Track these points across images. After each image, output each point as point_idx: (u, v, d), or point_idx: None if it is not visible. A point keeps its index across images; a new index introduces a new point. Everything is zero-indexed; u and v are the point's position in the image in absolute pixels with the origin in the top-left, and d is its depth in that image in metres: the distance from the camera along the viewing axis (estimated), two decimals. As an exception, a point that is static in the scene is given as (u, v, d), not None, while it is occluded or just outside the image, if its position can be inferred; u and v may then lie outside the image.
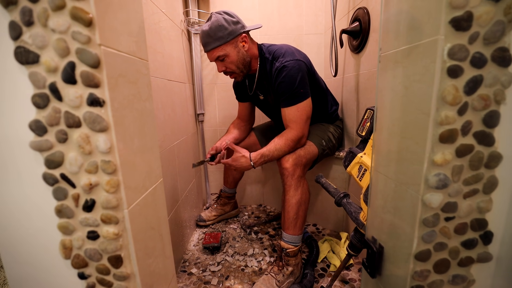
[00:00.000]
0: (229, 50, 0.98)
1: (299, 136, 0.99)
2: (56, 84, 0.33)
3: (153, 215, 0.48)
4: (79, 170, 0.35)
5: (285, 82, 0.96)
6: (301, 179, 0.98)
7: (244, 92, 1.24)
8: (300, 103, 0.97)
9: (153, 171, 0.49)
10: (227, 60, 1.00)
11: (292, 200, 0.96)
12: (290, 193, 0.97)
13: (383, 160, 0.49)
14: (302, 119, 0.99)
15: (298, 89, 0.96)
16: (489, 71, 0.34)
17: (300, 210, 0.97)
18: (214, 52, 0.99)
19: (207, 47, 0.99)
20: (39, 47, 0.32)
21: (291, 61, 0.96)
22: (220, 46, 0.97)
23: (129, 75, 0.40)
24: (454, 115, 0.35)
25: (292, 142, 0.98)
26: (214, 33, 0.95)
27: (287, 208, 0.97)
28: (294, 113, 0.98)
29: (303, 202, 0.98)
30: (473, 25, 0.33)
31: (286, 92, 0.97)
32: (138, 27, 0.45)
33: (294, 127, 0.99)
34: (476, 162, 0.37)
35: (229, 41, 0.97)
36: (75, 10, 0.31)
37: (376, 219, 0.53)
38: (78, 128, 0.34)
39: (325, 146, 1.10)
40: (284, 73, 0.95)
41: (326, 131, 1.14)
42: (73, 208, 0.36)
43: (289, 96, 0.97)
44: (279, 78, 0.97)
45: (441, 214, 0.39)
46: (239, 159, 1.00)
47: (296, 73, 0.95)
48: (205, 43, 0.98)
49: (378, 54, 0.49)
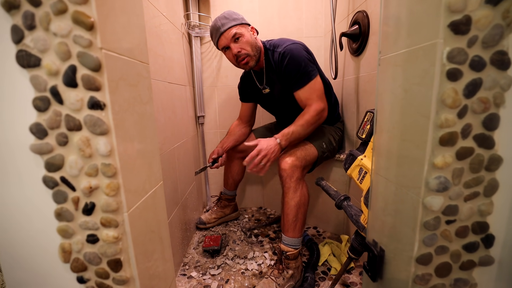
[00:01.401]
0: (244, 31, 1.03)
1: (322, 107, 0.99)
2: (57, 88, 0.33)
3: (153, 218, 0.48)
4: (79, 173, 0.35)
5: (291, 64, 0.99)
6: (300, 181, 0.98)
7: (249, 90, 1.26)
8: (311, 81, 0.99)
9: (153, 174, 0.49)
10: (242, 40, 1.03)
11: (291, 203, 0.96)
12: (289, 195, 0.96)
13: (383, 162, 0.49)
14: (318, 94, 1.00)
15: (306, 68, 0.99)
16: (488, 74, 0.34)
17: (299, 212, 0.97)
18: (231, 30, 1.01)
19: (224, 27, 1.01)
20: (41, 50, 0.32)
21: (291, 44, 1.01)
22: (237, 25, 1.02)
23: (129, 78, 0.41)
24: (454, 118, 0.35)
25: (316, 113, 0.98)
26: (229, 15, 1.02)
27: (286, 211, 0.97)
28: (308, 92, 1.00)
29: (302, 205, 0.97)
30: (471, 28, 0.33)
31: (295, 73, 0.99)
32: (139, 30, 0.45)
33: (313, 102, 1.00)
34: (477, 165, 0.37)
35: (243, 23, 1.04)
36: (76, 14, 0.32)
37: (377, 222, 0.53)
38: (79, 131, 0.34)
39: (325, 149, 1.10)
40: (288, 56, 0.99)
41: (327, 134, 1.14)
42: (72, 212, 0.36)
43: (299, 77, 0.99)
44: (284, 62, 1.00)
45: (442, 217, 0.38)
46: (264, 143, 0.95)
47: (299, 54, 0.99)
48: (222, 24, 1.01)
49: (378, 57, 0.49)
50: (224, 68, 1.52)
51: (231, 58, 1.07)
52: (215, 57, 1.51)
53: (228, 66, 1.52)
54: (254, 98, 1.29)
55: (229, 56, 1.07)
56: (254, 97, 1.28)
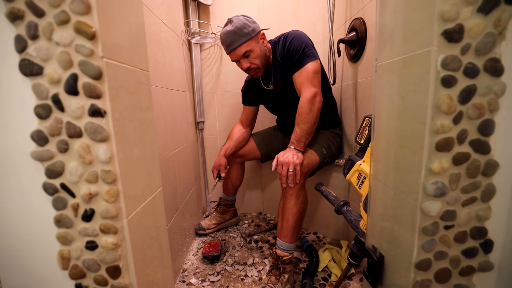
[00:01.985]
0: (253, 45, 1.04)
1: (311, 92, 0.97)
2: (58, 95, 0.34)
3: (152, 224, 0.48)
4: (79, 179, 0.35)
5: (294, 43, 1.01)
6: (302, 188, 0.98)
7: (254, 91, 1.27)
8: (308, 63, 0.99)
9: (153, 180, 0.49)
10: (252, 56, 1.05)
11: (293, 209, 0.96)
12: (291, 201, 0.96)
13: (381, 168, 0.50)
14: (310, 78, 0.99)
15: (306, 50, 0.99)
16: (482, 80, 0.35)
17: (299, 219, 0.97)
18: (241, 48, 1.02)
19: (234, 45, 1.02)
20: (43, 59, 0.33)
21: (296, 31, 1.05)
22: (246, 42, 1.02)
23: (130, 86, 0.41)
24: (449, 123, 0.36)
25: (307, 103, 0.97)
26: (240, 31, 1.00)
27: (287, 217, 0.97)
28: (302, 76, 1.00)
29: (302, 211, 0.98)
30: (464, 37, 0.34)
31: (296, 54, 1.00)
32: (140, 38, 0.46)
33: (304, 88, 0.99)
34: (473, 170, 0.37)
35: (253, 37, 1.03)
36: (79, 24, 0.32)
37: (376, 227, 0.53)
38: (79, 138, 0.35)
39: (325, 154, 1.10)
40: (292, 37, 1.02)
41: (325, 140, 1.15)
42: (72, 218, 0.36)
43: (298, 57, 1.00)
44: (287, 42, 1.03)
45: (440, 222, 0.39)
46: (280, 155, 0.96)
47: (302, 36, 1.02)
48: (231, 41, 1.02)
49: (374, 64, 0.50)
50: (224, 74, 1.54)
51: (242, 68, 1.11)
52: (215, 63, 1.53)
53: (227, 72, 1.53)
54: (257, 99, 1.30)
55: (240, 66, 1.11)
56: (257, 98, 1.29)
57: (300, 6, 1.46)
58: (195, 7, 1.41)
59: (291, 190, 0.96)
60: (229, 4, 1.46)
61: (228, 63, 1.52)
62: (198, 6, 1.44)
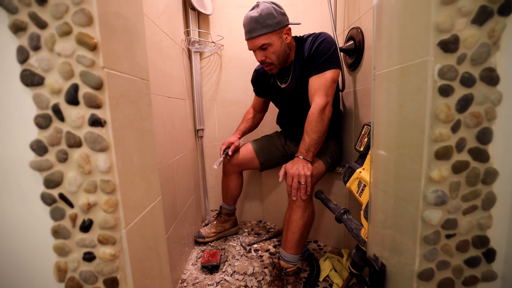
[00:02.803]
0: (274, 40, 0.97)
1: (323, 102, 0.93)
2: (59, 105, 0.34)
3: (151, 234, 0.47)
4: (78, 189, 0.35)
5: (322, 46, 0.96)
6: (310, 199, 0.96)
7: (265, 84, 1.23)
8: (329, 70, 0.94)
9: (152, 189, 0.49)
10: (270, 50, 0.98)
11: (300, 222, 0.94)
12: (298, 213, 0.94)
13: (381, 176, 0.49)
14: (326, 87, 0.94)
15: (332, 56, 0.95)
16: (479, 89, 0.35)
17: (305, 231, 0.96)
18: (259, 39, 0.96)
19: (252, 34, 0.96)
20: (45, 70, 0.33)
21: (326, 33, 1.00)
22: (266, 34, 0.95)
23: (130, 95, 0.41)
24: (448, 132, 0.36)
25: (318, 112, 0.92)
26: (263, 20, 0.94)
27: (293, 229, 0.94)
28: (320, 81, 0.95)
29: (309, 224, 0.96)
30: (460, 47, 0.35)
31: (321, 56, 0.95)
32: (140, 48, 0.47)
33: (317, 96, 0.94)
34: (473, 178, 0.37)
35: (276, 30, 0.96)
36: (81, 35, 0.33)
37: (377, 236, 0.52)
38: (79, 148, 0.35)
39: (330, 163, 1.10)
40: (321, 40, 0.97)
41: (330, 149, 1.15)
42: (70, 229, 0.36)
43: (323, 61, 0.95)
44: (316, 42, 0.97)
45: (442, 231, 0.38)
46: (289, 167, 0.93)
47: (333, 42, 0.97)
48: (251, 29, 0.96)
49: (373, 72, 0.50)
50: (223, 82, 1.55)
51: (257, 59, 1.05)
52: (215, 71, 1.55)
53: (227, 80, 1.55)
54: (265, 93, 1.27)
55: (255, 56, 1.05)
56: (266, 91, 1.26)
57: (298, 16, 1.49)
58: (195, 16, 1.44)
59: (298, 202, 0.94)
60: (229, 13, 1.49)
61: (228, 72, 1.54)
62: (198, 16, 1.47)
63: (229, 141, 1.27)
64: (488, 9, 0.34)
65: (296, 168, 0.91)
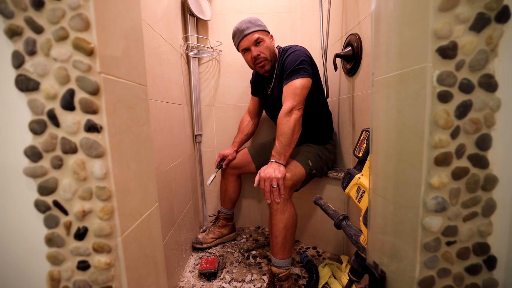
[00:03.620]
0: (265, 37, 1.11)
1: (289, 106, 0.99)
2: (54, 111, 0.33)
3: (147, 242, 0.47)
4: (72, 196, 0.35)
5: (290, 58, 1.06)
6: (287, 202, 0.96)
7: (259, 86, 1.31)
8: (297, 79, 1.01)
9: (149, 196, 0.48)
10: (263, 45, 1.10)
11: (279, 225, 0.94)
12: (277, 217, 0.94)
13: (380, 182, 0.49)
14: (293, 92, 1.00)
15: (299, 66, 1.02)
16: (477, 96, 0.35)
17: (288, 234, 0.95)
18: (254, 34, 1.08)
19: (248, 30, 1.08)
20: (40, 75, 0.33)
21: (299, 46, 1.10)
22: (260, 31, 1.09)
23: (127, 101, 0.41)
24: (447, 138, 0.36)
25: (283, 116, 0.98)
26: (255, 21, 1.10)
27: (275, 233, 0.95)
28: (288, 89, 1.02)
29: (290, 226, 0.96)
30: (458, 53, 0.35)
31: (289, 67, 1.04)
32: (138, 54, 0.46)
33: (285, 101, 1.01)
34: (473, 185, 0.37)
35: (265, 30, 1.12)
36: (77, 40, 0.33)
37: (377, 243, 0.52)
38: (74, 154, 0.34)
39: (312, 166, 1.09)
40: (290, 53, 1.07)
41: (312, 152, 1.14)
42: (64, 237, 0.35)
43: (290, 72, 1.03)
44: (284, 56, 1.09)
45: (442, 238, 0.38)
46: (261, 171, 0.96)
47: (300, 52, 1.06)
48: (246, 28, 1.08)
49: (371, 78, 0.50)
50: (222, 87, 1.55)
51: (249, 60, 1.14)
52: (213, 77, 1.55)
53: (225, 86, 1.55)
54: (260, 96, 1.35)
55: (248, 58, 1.14)
56: (260, 96, 1.34)
57: (297, 22, 1.50)
58: (193, 22, 1.44)
59: (275, 206, 0.94)
60: (227, 19, 1.50)
61: (226, 77, 1.54)
62: (196, 21, 1.47)
63: (224, 154, 1.32)
64: (486, 16, 0.34)
65: (267, 171, 0.93)
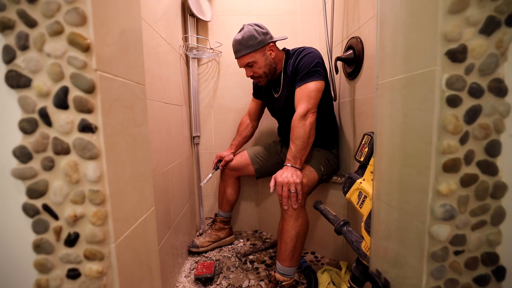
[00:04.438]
0: (257, 57, 1.08)
1: (304, 109, 0.97)
2: (46, 109, 0.31)
3: (142, 248, 0.45)
4: (64, 200, 0.33)
5: (303, 61, 1.03)
6: (302, 209, 0.94)
7: (264, 89, 1.29)
8: (311, 82, 0.99)
9: (145, 200, 0.46)
10: (256, 66, 1.09)
11: (292, 232, 0.91)
12: (290, 223, 0.92)
13: (384, 188, 0.48)
14: (308, 95, 0.98)
15: (314, 68, 1.00)
16: (487, 101, 0.34)
17: (298, 242, 0.93)
18: (244, 58, 1.08)
19: (238, 54, 1.09)
20: (32, 71, 0.31)
21: (312, 49, 1.07)
22: (250, 54, 1.07)
23: (124, 100, 0.39)
24: (456, 144, 0.35)
25: (300, 119, 0.96)
26: (245, 42, 1.06)
27: (286, 239, 0.92)
28: (302, 91, 1.00)
29: (302, 234, 0.94)
30: (468, 57, 0.34)
31: (303, 70, 1.01)
32: (137, 52, 0.45)
33: (299, 104, 0.99)
34: (482, 192, 0.36)
35: (258, 49, 1.07)
36: (73, 35, 0.31)
37: (380, 250, 0.50)
38: (67, 155, 0.32)
39: (323, 171, 1.08)
40: (303, 54, 1.04)
41: (322, 157, 1.13)
42: (53, 243, 0.33)
43: (304, 74, 1.01)
44: (298, 58, 1.05)
45: (450, 247, 0.36)
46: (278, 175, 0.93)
47: (314, 54, 1.04)
48: (237, 50, 1.09)
49: (376, 81, 0.49)
50: (221, 89, 1.54)
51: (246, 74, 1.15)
52: (212, 78, 1.54)
53: (225, 87, 1.54)
54: (264, 99, 1.32)
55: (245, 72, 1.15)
56: (265, 98, 1.31)
57: (297, 25, 1.50)
58: (193, 22, 1.43)
59: (290, 211, 0.92)
60: (228, 21, 1.49)
61: (226, 78, 1.53)
62: (196, 22, 1.46)
63: (221, 155, 1.32)
64: (496, 20, 0.33)
65: (285, 176, 0.91)
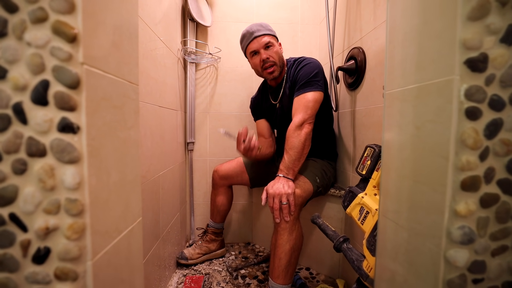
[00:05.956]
0: (275, 42, 1.10)
1: (300, 119, 0.95)
2: (22, 105, 0.28)
3: (125, 264, 0.40)
4: (35, 209, 0.28)
5: (304, 69, 1.03)
6: (296, 221, 0.90)
7: (260, 106, 1.28)
8: (310, 92, 0.99)
9: (131, 210, 0.42)
10: (273, 50, 1.08)
11: (286, 246, 0.87)
12: (284, 237, 0.87)
13: (392, 205, 0.45)
14: (305, 105, 0.97)
15: (313, 79, 1.00)
16: (509, 114, 0.32)
17: (293, 257, 0.88)
18: (265, 37, 1.07)
19: (259, 33, 1.07)
20: (9, 61, 0.27)
21: (312, 59, 1.08)
22: (270, 35, 1.08)
23: (114, 99, 0.36)
24: (475, 160, 0.32)
25: (295, 129, 0.94)
26: (265, 25, 1.09)
27: (279, 255, 0.87)
28: (300, 101, 0.99)
29: (297, 248, 0.89)
30: (488, 67, 0.32)
31: (302, 79, 1.01)
32: (132, 49, 0.42)
33: (296, 114, 0.98)
34: (503, 214, 0.33)
35: (275, 36, 1.12)
36: (58, 24, 0.28)
37: (386, 273, 0.46)
38: (42, 158, 0.28)
39: (319, 183, 1.04)
40: (303, 64, 1.05)
41: (318, 167, 1.10)
42: (19, 259, 0.28)
43: (303, 84, 1.00)
44: (299, 66, 1.06)
45: (468, 274, 0.33)
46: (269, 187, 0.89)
47: (315, 64, 1.04)
48: (257, 30, 1.07)
49: (384, 92, 0.47)
50: (218, 95, 1.51)
51: (257, 64, 1.10)
52: (210, 83, 1.51)
53: (222, 94, 1.51)
54: (263, 113, 1.29)
55: (256, 61, 1.10)
56: (263, 111, 1.28)
57: (297, 34, 1.50)
58: (193, 27, 1.42)
59: (283, 224, 0.87)
60: (228, 27, 1.48)
61: (224, 85, 1.51)
62: (196, 27, 1.45)
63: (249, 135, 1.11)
64: (518, 29, 0.31)
65: (276, 187, 0.87)
